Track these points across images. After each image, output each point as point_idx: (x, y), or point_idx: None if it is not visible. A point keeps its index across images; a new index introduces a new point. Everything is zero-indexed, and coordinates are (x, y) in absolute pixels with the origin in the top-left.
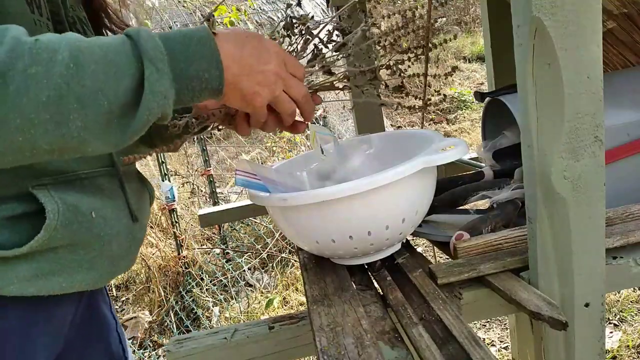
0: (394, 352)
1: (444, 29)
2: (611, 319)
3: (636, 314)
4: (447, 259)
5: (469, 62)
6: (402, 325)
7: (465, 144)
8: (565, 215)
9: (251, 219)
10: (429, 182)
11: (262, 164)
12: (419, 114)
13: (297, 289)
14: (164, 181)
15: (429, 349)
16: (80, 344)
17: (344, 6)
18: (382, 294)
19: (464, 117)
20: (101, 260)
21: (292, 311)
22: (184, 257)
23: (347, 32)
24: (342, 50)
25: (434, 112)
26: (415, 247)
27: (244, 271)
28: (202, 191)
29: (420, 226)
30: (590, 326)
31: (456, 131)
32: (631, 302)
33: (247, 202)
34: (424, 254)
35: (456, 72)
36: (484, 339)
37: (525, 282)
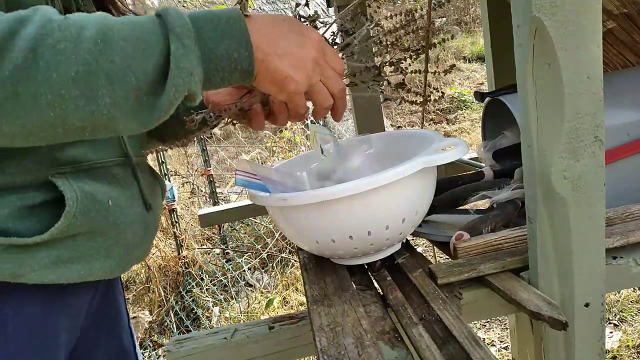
0: (394, 352)
1: (444, 29)
2: (611, 319)
3: (636, 314)
4: (447, 259)
5: (469, 62)
6: (402, 325)
7: (465, 144)
8: (565, 215)
9: (251, 219)
10: (429, 182)
11: (262, 164)
12: (419, 114)
13: (297, 289)
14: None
15: (429, 349)
16: (94, 333)
17: (347, 7)
18: (382, 294)
19: (464, 117)
20: (117, 248)
21: (292, 311)
22: (184, 257)
23: (350, 33)
24: (345, 50)
25: (434, 112)
26: (415, 247)
27: (244, 271)
28: (202, 191)
29: (420, 226)
30: (590, 326)
31: (456, 131)
32: (631, 302)
33: (247, 202)
34: (424, 254)
35: (455, 71)
36: (484, 339)
37: (525, 282)
